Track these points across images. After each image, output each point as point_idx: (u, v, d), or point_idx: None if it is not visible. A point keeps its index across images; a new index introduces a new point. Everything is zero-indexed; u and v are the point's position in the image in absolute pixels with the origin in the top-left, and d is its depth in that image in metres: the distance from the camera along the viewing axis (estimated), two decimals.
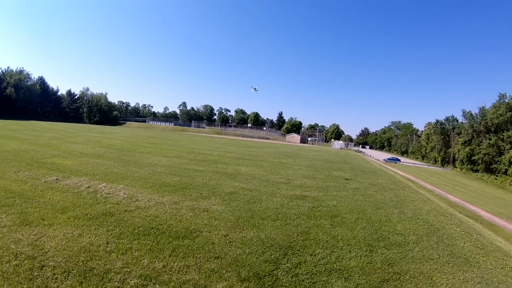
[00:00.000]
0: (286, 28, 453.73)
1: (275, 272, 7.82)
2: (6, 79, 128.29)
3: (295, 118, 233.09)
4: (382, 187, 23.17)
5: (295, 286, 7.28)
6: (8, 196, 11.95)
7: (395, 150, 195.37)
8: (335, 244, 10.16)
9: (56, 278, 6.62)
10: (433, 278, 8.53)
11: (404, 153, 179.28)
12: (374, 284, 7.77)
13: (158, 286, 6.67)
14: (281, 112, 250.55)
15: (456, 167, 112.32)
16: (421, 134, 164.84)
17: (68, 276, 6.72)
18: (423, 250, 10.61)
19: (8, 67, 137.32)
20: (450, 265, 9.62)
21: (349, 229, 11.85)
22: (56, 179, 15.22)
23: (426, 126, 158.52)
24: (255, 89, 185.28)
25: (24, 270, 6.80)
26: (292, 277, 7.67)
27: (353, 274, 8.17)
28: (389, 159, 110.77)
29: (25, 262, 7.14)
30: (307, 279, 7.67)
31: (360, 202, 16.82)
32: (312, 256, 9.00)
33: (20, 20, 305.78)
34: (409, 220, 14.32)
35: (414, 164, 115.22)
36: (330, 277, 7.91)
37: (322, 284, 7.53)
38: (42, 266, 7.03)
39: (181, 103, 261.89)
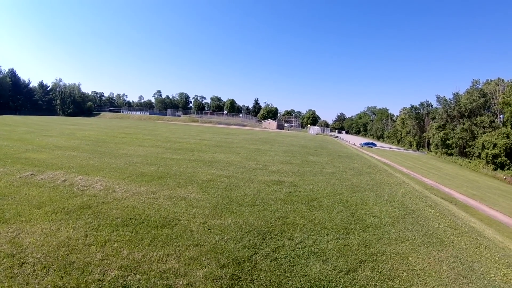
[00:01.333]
0: (259, 17, 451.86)
1: (254, 257, 7.95)
2: None
3: (271, 104, 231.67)
4: (358, 171, 23.50)
5: (274, 270, 7.41)
6: None
7: (371, 135, 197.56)
8: (312, 227, 10.35)
9: (36, 275, 6.58)
10: (409, 258, 8.79)
11: (380, 137, 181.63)
12: (352, 266, 7.97)
13: (139, 276, 6.70)
14: (257, 99, 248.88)
15: (431, 151, 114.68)
16: (396, 119, 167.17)
17: (48, 272, 6.70)
18: (399, 231, 10.89)
19: None
20: (426, 245, 9.92)
21: (326, 212, 12.06)
22: (31, 174, 14.95)
23: (401, 111, 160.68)
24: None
25: (4, 269, 6.72)
26: (271, 261, 7.81)
27: (331, 257, 8.36)
28: (365, 143, 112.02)
29: (4, 260, 7.05)
30: (285, 262, 7.82)
31: (337, 186, 17.06)
32: (290, 240, 9.16)
33: None
34: (385, 202, 14.62)
35: (390, 148, 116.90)
36: (308, 260, 8.08)
37: (301, 267, 7.68)
38: (22, 263, 6.96)
39: (156, 91, 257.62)
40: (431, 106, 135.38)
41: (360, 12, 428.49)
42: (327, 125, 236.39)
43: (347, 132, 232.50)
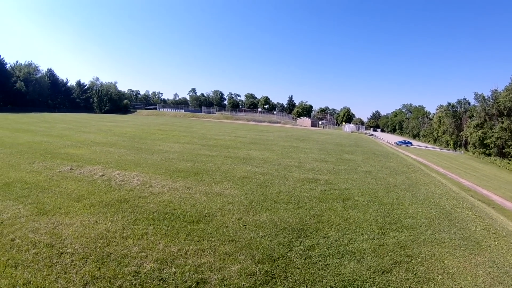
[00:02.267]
0: (293, 14, 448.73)
1: (288, 254, 7.93)
2: (15, 73, 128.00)
3: (306, 102, 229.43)
4: (394, 170, 23.03)
5: (308, 268, 7.36)
6: (24, 187, 12.18)
7: (406, 133, 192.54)
8: (347, 226, 10.22)
9: (74, 265, 6.80)
10: (445, 261, 8.54)
11: (415, 136, 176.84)
12: (386, 267, 7.82)
13: (174, 269, 6.81)
14: (291, 96, 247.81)
15: (468, 151, 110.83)
16: (433, 117, 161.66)
17: (86, 262, 6.91)
18: (435, 233, 10.59)
19: (17, 61, 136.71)
20: (462, 248, 9.60)
21: (361, 211, 11.89)
22: (70, 169, 15.42)
23: (437, 109, 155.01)
24: None
25: (43, 258, 6.99)
26: (305, 259, 7.76)
27: (366, 256, 8.24)
28: (401, 142, 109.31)
29: (44, 250, 7.33)
30: (320, 261, 7.75)
31: (372, 185, 16.79)
32: (324, 239, 9.08)
33: (27, 14, 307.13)
34: (421, 203, 14.27)
35: (426, 147, 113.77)
36: (343, 259, 7.98)
37: (335, 266, 7.60)
38: (61, 253, 7.22)
39: (190, 89, 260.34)
40: (469, 103, 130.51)
41: (394, 9, 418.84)
42: (362, 122, 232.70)
43: (382, 130, 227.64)
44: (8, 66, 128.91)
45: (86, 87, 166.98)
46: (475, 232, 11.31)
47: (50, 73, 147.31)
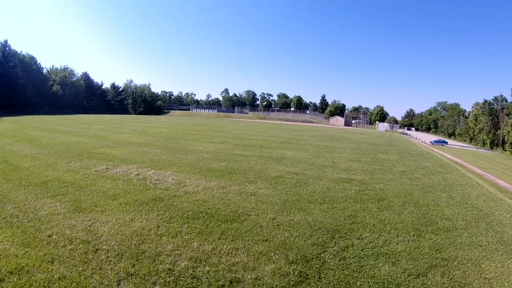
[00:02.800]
0: (325, 13, 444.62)
1: (322, 255, 7.85)
2: (52, 77, 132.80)
3: (339, 101, 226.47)
4: (429, 170, 22.45)
5: (343, 270, 7.27)
6: (61, 186, 12.65)
7: (441, 132, 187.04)
8: (382, 228, 10.04)
9: (110, 261, 6.99)
10: (482, 266, 8.22)
11: (451, 135, 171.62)
12: (422, 270, 7.62)
13: (208, 268, 6.87)
14: (324, 95, 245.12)
15: (506, 150, 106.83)
16: (469, 115, 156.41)
17: (121, 259, 7.09)
18: (472, 236, 10.22)
19: (53, 66, 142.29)
20: (500, 252, 9.21)
21: (396, 213, 11.65)
22: (106, 168, 15.83)
23: (473, 107, 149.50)
24: None
25: (79, 254, 7.22)
26: (339, 260, 7.67)
27: (401, 259, 8.06)
28: (436, 141, 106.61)
29: (80, 246, 7.57)
30: (354, 262, 7.64)
31: (407, 185, 16.42)
32: (359, 240, 8.95)
33: (62, 18, 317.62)
34: (457, 204, 13.84)
35: (462, 146, 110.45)
36: (378, 261, 7.84)
37: (370, 268, 7.47)
38: (96, 250, 7.44)
39: (223, 89, 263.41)
40: (506, 100, 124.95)
41: (427, 6, 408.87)
42: (396, 121, 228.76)
43: (416, 129, 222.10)
44: (44, 70, 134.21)
45: (120, 89, 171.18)
46: None
47: (85, 77, 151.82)
